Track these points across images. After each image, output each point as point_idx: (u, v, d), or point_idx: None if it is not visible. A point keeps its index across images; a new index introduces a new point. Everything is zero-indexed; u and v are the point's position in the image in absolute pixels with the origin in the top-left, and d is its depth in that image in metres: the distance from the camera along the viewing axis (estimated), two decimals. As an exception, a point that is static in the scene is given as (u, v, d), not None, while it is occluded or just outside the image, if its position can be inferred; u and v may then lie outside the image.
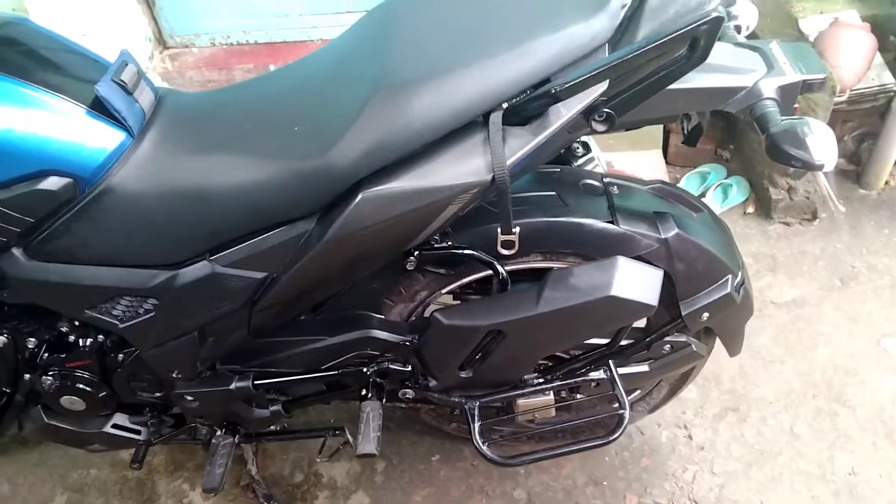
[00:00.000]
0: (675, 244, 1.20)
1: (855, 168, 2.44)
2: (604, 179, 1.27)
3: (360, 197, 0.98)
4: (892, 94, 2.28)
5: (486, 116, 0.96)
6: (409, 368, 1.30)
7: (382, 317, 1.31)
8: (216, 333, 1.24)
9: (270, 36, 2.66)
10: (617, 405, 1.29)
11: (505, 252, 1.07)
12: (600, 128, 0.97)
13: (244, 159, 1.03)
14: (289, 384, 1.35)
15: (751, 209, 2.37)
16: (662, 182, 1.33)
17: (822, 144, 0.93)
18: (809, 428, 1.78)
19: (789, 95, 1.04)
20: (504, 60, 0.95)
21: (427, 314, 1.33)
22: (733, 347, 1.43)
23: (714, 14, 0.85)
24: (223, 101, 1.17)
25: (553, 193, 1.22)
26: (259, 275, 1.11)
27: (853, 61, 2.21)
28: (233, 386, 1.33)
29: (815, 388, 1.86)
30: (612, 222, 1.19)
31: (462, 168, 0.96)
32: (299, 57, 1.21)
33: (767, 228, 2.31)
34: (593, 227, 1.19)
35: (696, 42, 0.88)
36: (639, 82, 0.94)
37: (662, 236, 1.19)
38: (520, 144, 0.95)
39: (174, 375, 1.30)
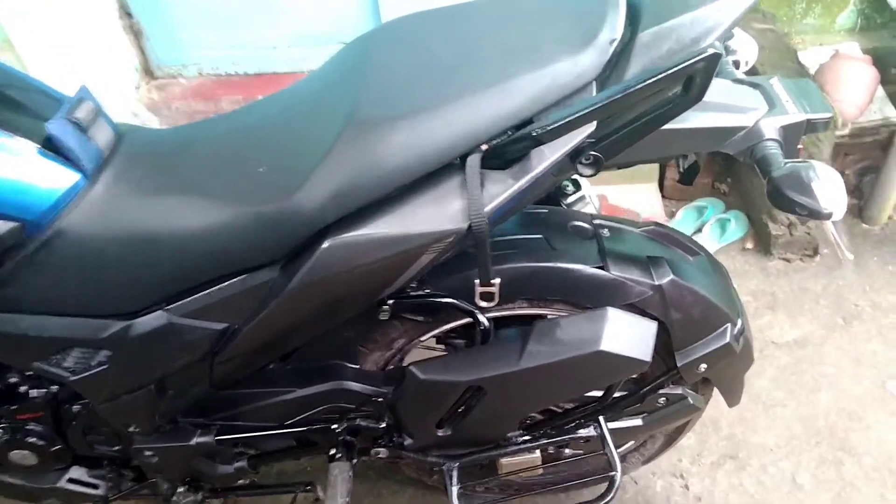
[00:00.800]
0: (670, 291, 1.13)
1: (857, 202, 2.37)
2: (594, 221, 1.19)
3: (326, 244, 0.90)
4: (895, 127, 2.22)
5: (463, 159, 0.88)
6: (383, 425, 1.21)
7: (356, 367, 1.23)
8: (176, 386, 1.16)
9: (259, 67, 2.59)
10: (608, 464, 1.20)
11: (484, 304, 0.99)
12: (587, 171, 0.89)
13: (204, 201, 0.96)
14: (253, 440, 1.26)
15: (749, 245, 2.30)
16: (656, 224, 1.25)
17: (829, 190, 0.86)
18: (812, 477, 1.69)
19: (792, 136, 0.97)
20: (483, 99, 0.87)
21: (406, 362, 1.25)
22: (732, 398, 1.35)
23: (710, 51, 0.78)
24: (187, 139, 1.09)
25: (539, 236, 1.15)
26: (219, 326, 1.03)
27: (855, 94, 2.16)
28: (194, 441, 1.24)
29: (818, 435, 1.77)
30: (602, 268, 1.11)
31: (437, 214, 0.88)
32: (288, 88, 1.14)
33: (767, 265, 2.24)
34: (582, 274, 1.11)
35: (692, 80, 0.81)
36: (629, 123, 0.86)
37: (656, 283, 1.12)
38: (499, 190, 0.87)
39: (131, 430, 1.21)
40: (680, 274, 1.14)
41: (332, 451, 1.21)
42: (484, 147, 0.88)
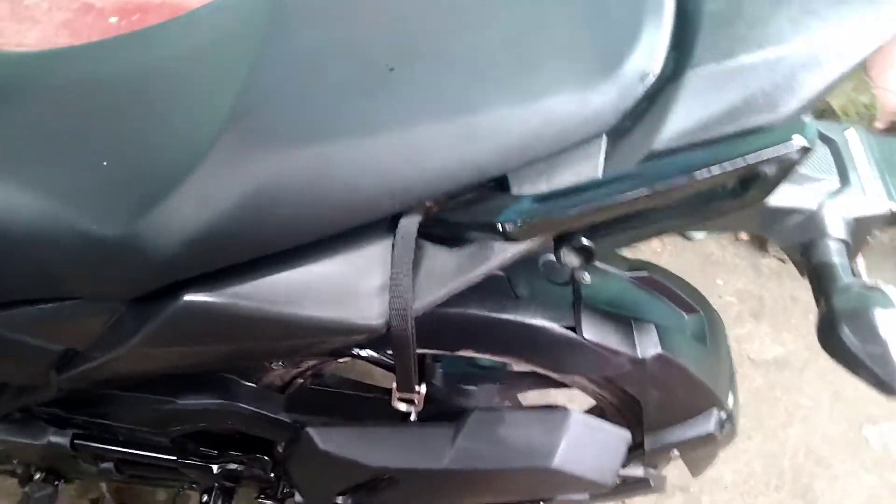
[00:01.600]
0: (654, 368, 0.88)
1: (872, 202, 2.10)
2: (574, 258, 0.92)
3: (180, 302, 0.62)
4: (938, 128, 1.93)
5: (396, 218, 0.60)
6: (272, 475, 0.97)
7: (252, 384, 0.98)
8: (15, 390, 0.91)
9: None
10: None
11: (402, 408, 0.73)
12: (573, 261, 0.61)
13: (18, 192, 0.66)
14: (116, 454, 1.02)
15: (744, 235, 2.04)
16: (649, 267, 0.98)
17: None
18: (764, 528, 1.53)
19: (862, 232, 0.69)
20: (436, 135, 0.57)
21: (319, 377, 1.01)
22: (697, 471, 1.14)
23: (799, 142, 0.49)
24: (19, 82, 0.77)
25: (502, 274, 0.88)
26: (57, 346, 0.77)
27: (904, 84, 1.85)
28: (46, 441, 1.01)
29: (780, 477, 1.60)
30: (574, 329, 0.85)
31: (344, 298, 0.60)
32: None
33: (759, 262, 1.99)
34: (549, 334, 0.85)
35: (758, 178, 0.52)
36: (641, 214, 0.58)
37: (639, 356, 0.87)
38: (440, 279, 0.59)
39: (-32, 421, 0.97)
40: (669, 346, 0.89)
41: (205, 499, 0.97)
42: (428, 205, 0.59)
